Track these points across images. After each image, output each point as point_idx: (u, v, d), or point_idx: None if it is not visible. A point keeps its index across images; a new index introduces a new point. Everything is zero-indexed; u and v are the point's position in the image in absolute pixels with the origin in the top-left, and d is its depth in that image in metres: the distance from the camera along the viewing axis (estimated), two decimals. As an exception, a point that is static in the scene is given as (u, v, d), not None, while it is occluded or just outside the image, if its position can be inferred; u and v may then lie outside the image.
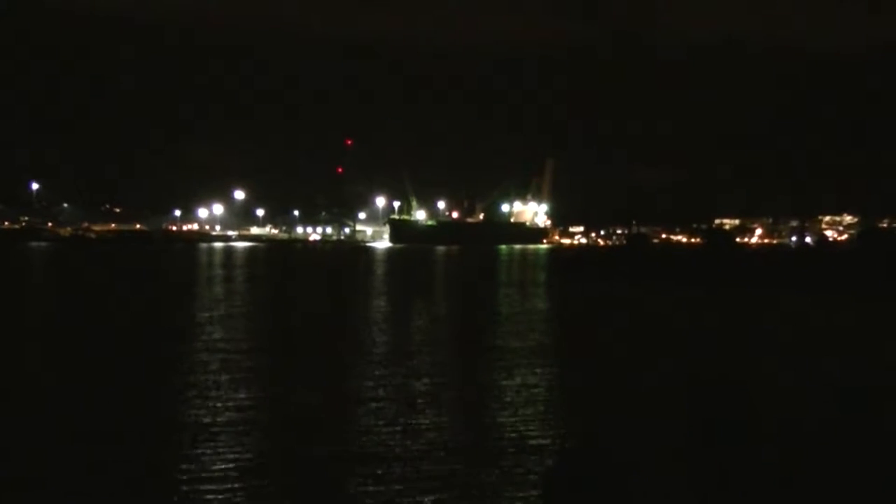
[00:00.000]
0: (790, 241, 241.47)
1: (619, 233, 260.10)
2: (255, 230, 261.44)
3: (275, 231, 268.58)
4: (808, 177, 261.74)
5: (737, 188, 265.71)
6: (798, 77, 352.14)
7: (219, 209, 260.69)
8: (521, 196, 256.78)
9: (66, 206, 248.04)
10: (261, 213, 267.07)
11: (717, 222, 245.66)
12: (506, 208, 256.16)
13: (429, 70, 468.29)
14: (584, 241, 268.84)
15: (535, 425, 15.18)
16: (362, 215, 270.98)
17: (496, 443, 13.97)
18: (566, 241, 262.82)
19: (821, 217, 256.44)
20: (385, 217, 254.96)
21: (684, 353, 24.64)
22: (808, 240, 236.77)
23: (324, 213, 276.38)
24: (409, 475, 12.07)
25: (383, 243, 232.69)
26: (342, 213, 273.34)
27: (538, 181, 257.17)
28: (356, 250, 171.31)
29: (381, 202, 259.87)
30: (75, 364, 21.38)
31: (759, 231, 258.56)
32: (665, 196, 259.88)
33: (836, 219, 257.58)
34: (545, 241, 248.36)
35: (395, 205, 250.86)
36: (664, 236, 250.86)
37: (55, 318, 33.48)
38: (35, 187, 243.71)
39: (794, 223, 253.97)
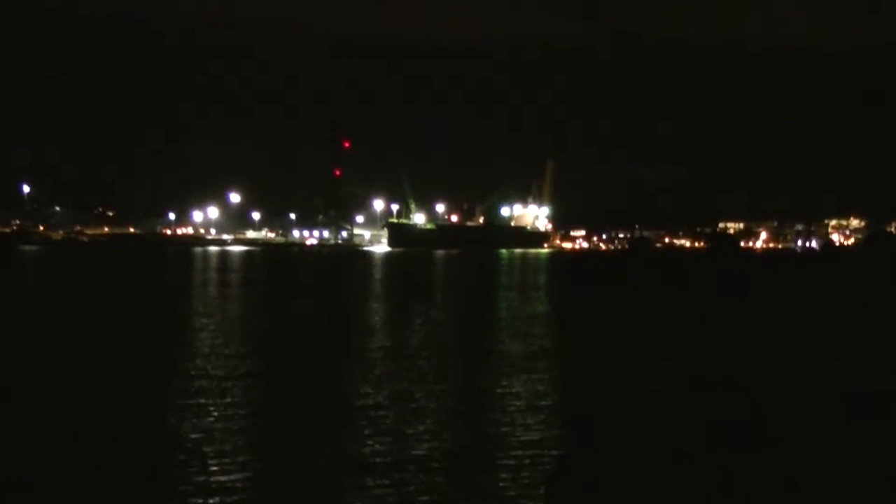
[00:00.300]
0: (796, 246, 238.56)
1: (621, 237, 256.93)
2: (250, 234, 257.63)
3: (271, 235, 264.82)
4: (808, 177, 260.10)
5: (737, 188, 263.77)
6: (798, 77, 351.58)
7: (214, 212, 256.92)
8: (522, 199, 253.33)
9: (57, 208, 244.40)
10: (257, 216, 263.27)
11: (721, 226, 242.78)
12: (506, 211, 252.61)
13: (429, 70, 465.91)
14: (585, 245, 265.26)
15: (535, 430, 15.01)
16: (360, 218, 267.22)
17: (497, 447, 13.78)
18: (567, 245, 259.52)
19: (827, 221, 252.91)
20: (383, 220, 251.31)
21: (688, 357, 24.59)
22: (813, 244, 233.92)
23: (321, 217, 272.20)
24: (411, 480, 11.88)
25: (381, 247, 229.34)
26: (340, 217, 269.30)
27: (539, 183, 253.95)
28: (354, 254, 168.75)
29: (379, 205, 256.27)
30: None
31: (763, 235, 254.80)
32: (666, 196, 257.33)
33: (843, 222, 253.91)
34: (546, 245, 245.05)
35: (394, 208, 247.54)
36: (667, 240, 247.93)
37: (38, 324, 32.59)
38: (27, 190, 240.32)
39: (799, 227, 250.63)
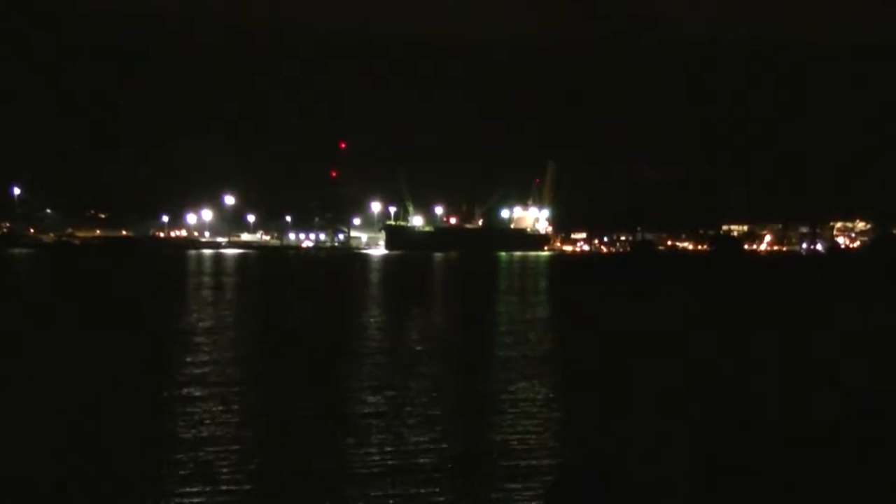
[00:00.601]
0: (800, 249, 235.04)
1: (622, 239, 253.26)
2: (245, 236, 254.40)
3: (266, 237, 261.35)
4: (808, 177, 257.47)
5: (737, 188, 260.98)
6: (798, 77, 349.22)
7: (208, 215, 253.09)
8: (522, 201, 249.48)
9: (48, 211, 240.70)
10: (252, 218, 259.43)
11: (724, 228, 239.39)
12: (506, 214, 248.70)
13: (429, 70, 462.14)
14: (586, 247, 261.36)
15: (534, 435, 15.12)
16: (357, 221, 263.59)
17: (499, 454, 13.89)
18: (568, 248, 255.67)
19: (832, 223, 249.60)
20: (381, 223, 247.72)
21: (688, 356, 24.92)
22: (819, 247, 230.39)
23: (317, 219, 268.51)
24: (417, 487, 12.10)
25: (379, 250, 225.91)
26: (336, 219, 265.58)
27: (539, 185, 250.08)
28: (351, 257, 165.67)
29: (376, 207, 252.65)
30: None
31: (767, 238, 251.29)
32: (667, 197, 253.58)
33: (848, 225, 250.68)
34: (546, 247, 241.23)
35: (391, 210, 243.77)
36: (670, 243, 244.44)
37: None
38: (17, 192, 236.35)
39: (804, 229, 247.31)
